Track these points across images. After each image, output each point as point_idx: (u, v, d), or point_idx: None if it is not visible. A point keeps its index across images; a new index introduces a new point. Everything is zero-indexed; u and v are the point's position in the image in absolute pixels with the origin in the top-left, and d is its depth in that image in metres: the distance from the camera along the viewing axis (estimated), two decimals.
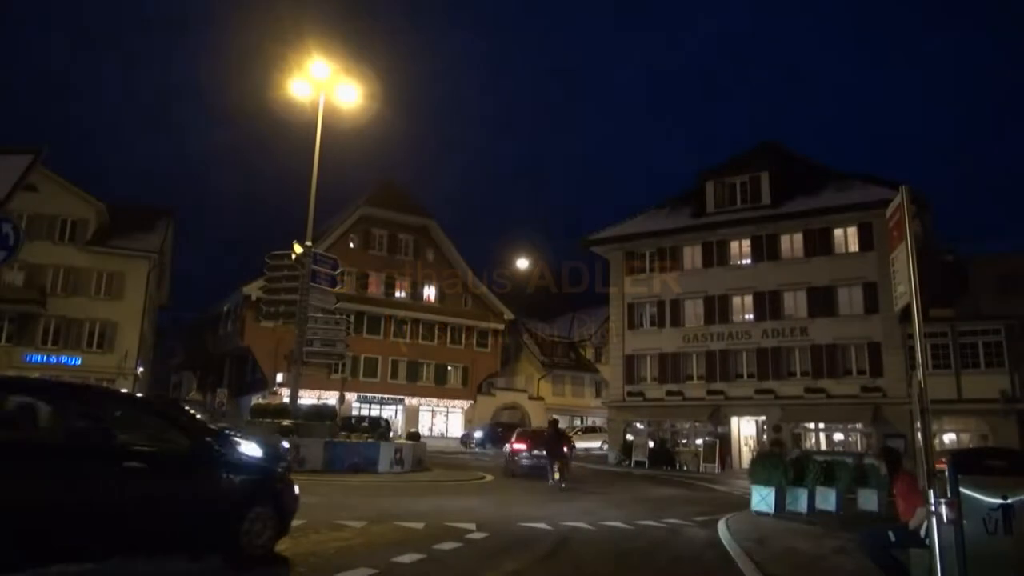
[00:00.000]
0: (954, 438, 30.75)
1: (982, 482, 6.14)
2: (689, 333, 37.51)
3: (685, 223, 38.76)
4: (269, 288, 24.13)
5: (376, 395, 48.70)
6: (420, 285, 51.78)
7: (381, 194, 51.16)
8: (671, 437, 37.68)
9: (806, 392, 33.64)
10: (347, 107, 23.91)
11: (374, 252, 50.13)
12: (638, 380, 38.63)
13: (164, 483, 6.39)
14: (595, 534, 11.47)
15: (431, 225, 52.27)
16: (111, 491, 5.92)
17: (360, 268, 48.78)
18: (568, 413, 59.36)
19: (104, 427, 6.27)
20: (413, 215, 51.47)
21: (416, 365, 50.49)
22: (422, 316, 50.73)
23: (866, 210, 32.33)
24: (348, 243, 48.87)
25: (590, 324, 61.66)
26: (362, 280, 49.15)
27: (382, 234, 50.55)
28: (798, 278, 34.96)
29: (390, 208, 50.31)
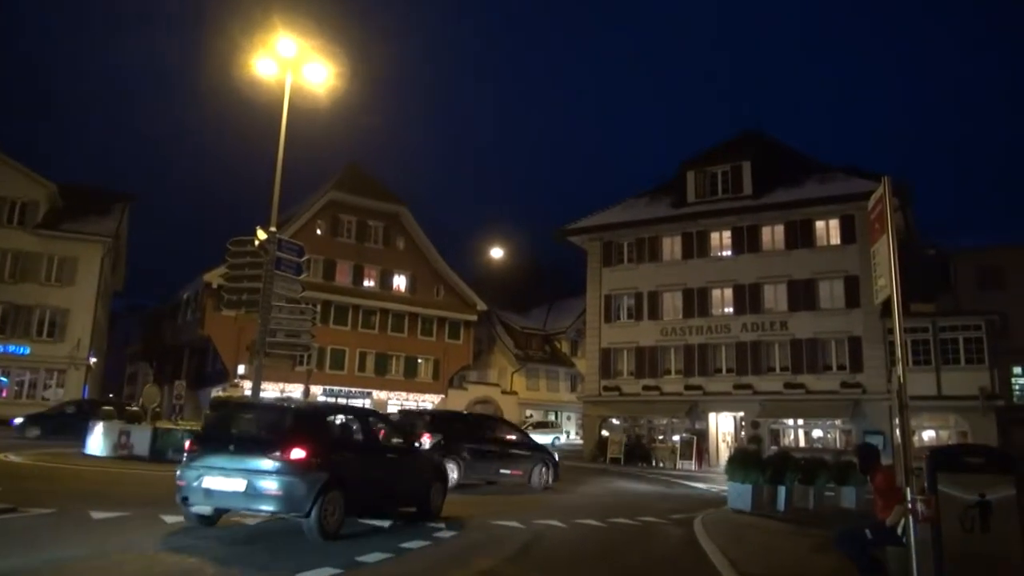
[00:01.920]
0: (933, 435, 31.33)
1: (960, 479, 6.26)
2: (667, 326, 37.79)
3: (665, 213, 38.99)
4: (231, 275, 23.80)
5: (343, 388, 48.44)
6: (390, 274, 51.52)
7: (350, 179, 50.76)
8: (647, 433, 37.97)
9: (785, 387, 34.08)
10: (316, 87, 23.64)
11: (342, 239, 49.75)
12: (614, 374, 38.86)
13: (404, 465, 11.33)
14: (568, 532, 11.53)
15: (402, 212, 51.99)
16: (390, 470, 10.88)
17: (327, 255, 48.41)
18: (543, 408, 59.57)
19: (377, 432, 11.62)
20: (384, 201, 51.15)
21: (385, 357, 50.31)
22: (392, 306, 50.52)
23: (848, 202, 32.76)
24: (315, 229, 48.47)
25: (566, 316, 61.87)
26: (329, 268, 48.80)
27: (351, 220, 50.18)
28: (779, 271, 35.34)
29: (360, 194, 49.94)
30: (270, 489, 8.76)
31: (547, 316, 64.39)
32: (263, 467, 8.85)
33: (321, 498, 8.92)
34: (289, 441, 8.99)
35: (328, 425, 10.60)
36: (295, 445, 8.95)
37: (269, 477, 8.79)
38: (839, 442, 33.14)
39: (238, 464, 8.95)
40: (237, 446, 9.21)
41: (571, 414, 60.16)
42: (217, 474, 8.95)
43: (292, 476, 8.79)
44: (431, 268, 52.90)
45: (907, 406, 5.62)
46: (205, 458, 9.13)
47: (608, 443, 36.53)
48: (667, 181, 41.95)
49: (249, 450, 9.08)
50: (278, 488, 8.75)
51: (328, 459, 9.29)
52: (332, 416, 11.32)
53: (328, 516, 9.05)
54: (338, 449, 9.93)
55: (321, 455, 9.17)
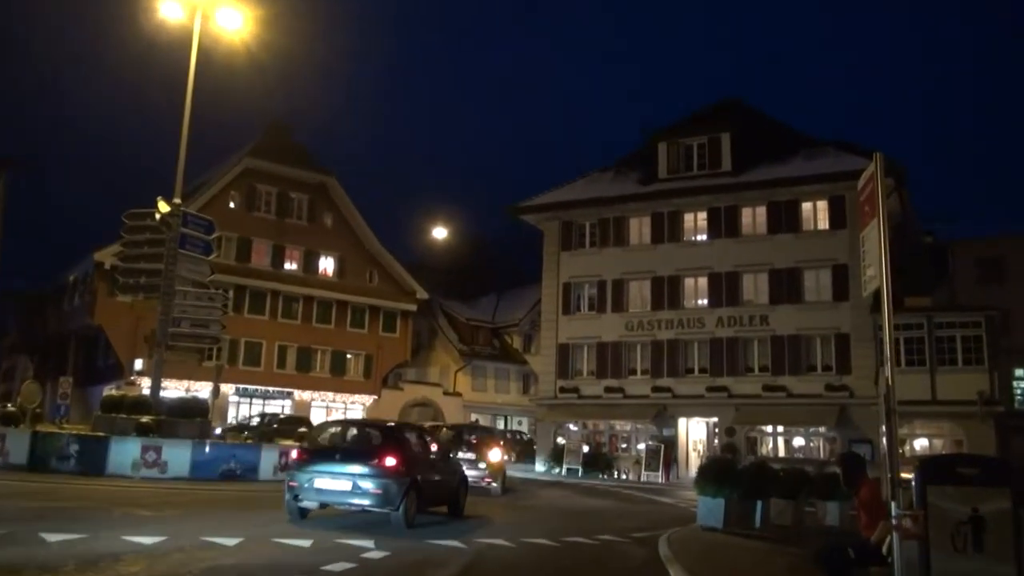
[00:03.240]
0: (926, 444, 32.23)
1: (951, 493, 6.44)
2: (633, 320, 38.16)
3: (632, 190, 39.30)
4: (127, 255, 23.43)
5: (259, 387, 47.89)
6: (316, 255, 50.98)
7: (270, 143, 50.01)
8: (609, 441, 38.37)
9: (764, 390, 34.71)
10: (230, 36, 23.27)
11: (260, 214, 49.04)
12: (573, 374, 39.13)
13: (447, 471, 15.43)
14: (514, 553, 11.61)
15: (331, 183, 51.44)
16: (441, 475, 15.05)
17: (242, 233, 47.70)
18: (491, 412, 59.68)
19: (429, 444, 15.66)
20: (309, 170, 50.52)
21: (309, 352, 49.85)
22: (317, 293, 50.03)
23: (838, 181, 33.36)
24: (228, 202, 47.68)
25: (518, 307, 61.99)
26: (244, 247, 48.10)
27: (270, 192, 49.48)
28: (759, 258, 35.92)
29: (281, 161, 49.25)
30: (371, 488, 12.92)
31: (497, 306, 64.42)
32: (365, 472, 12.99)
33: (406, 497, 13.07)
34: (384, 452, 13.31)
35: (408, 439, 14.60)
36: (389, 455, 13.21)
37: (370, 480, 12.95)
38: (823, 452, 33.90)
39: (344, 469, 13.08)
40: (342, 455, 13.55)
41: (523, 419, 60.37)
42: (327, 477, 13.04)
43: (387, 479, 12.97)
44: (364, 249, 52.49)
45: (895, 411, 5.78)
46: (315, 464, 13.21)
47: (565, 452, 36.82)
48: (635, 153, 42.27)
49: (353, 459, 13.35)
50: (376, 488, 12.91)
51: (409, 467, 13.43)
52: (408, 432, 15.39)
53: (410, 510, 13.23)
54: (414, 459, 13.95)
55: (406, 463, 13.38)
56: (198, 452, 20.32)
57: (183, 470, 19.75)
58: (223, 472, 20.35)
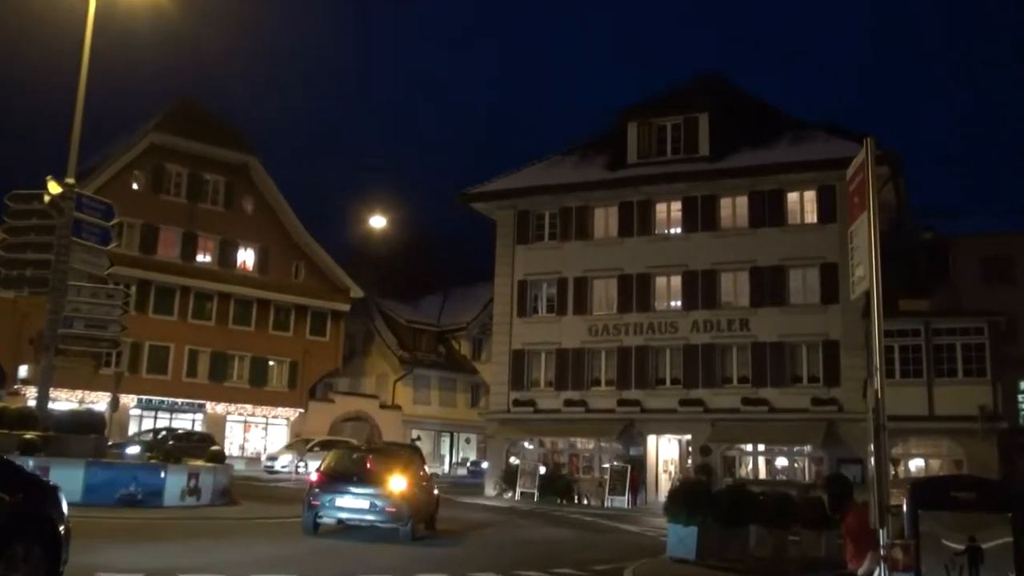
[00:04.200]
0: (922, 464, 32.79)
1: (946, 520, 6.56)
2: (598, 323, 38.31)
3: (598, 176, 39.44)
4: (10, 243, 22.95)
5: (165, 398, 47.28)
6: (233, 246, 50.47)
7: (182, 116, 49.38)
8: (569, 461, 38.44)
9: (744, 404, 35.04)
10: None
11: (168, 197, 48.41)
12: (529, 385, 39.18)
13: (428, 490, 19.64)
14: None
15: (252, 164, 50.95)
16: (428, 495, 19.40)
17: (147, 219, 47.05)
18: (434, 427, 59.59)
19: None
20: (227, 148, 49.98)
21: (224, 358, 49.31)
22: (235, 289, 49.52)
23: (828, 169, 33.64)
24: (131, 183, 46.99)
25: (467, 308, 61.94)
26: (150, 236, 47.45)
27: (181, 173, 48.86)
28: (740, 254, 36.27)
29: (195, 137, 48.65)
30: (386, 507, 17.01)
31: (442, 307, 64.32)
32: (382, 493, 17.06)
33: (414, 515, 17.32)
34: (399, 476, 17.46)
35: (415, 463, 19.55)
36: (402, 479, 17.41)
37: (385, 500, 17.02)
38: (808, 473, 34.31)
39: (363, 491, 17.10)
40: (360, 478, 17.37)
41: (471, 435, 60.37)
42: (348, 496, 17.09)
43: (402, 500, 17.10)
44: (289, 240, 52.08)
45: (884, 428, 5.87)
46: (336, 486, 17.18)
47: (518, 473, 36.85)
48: (602, 135, 42.42)
49: (370, 481, 17.29)
50: (391, 507, 16.98)
51: (415, 489, 17.80)
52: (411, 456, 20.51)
53: (416, 526, 17.53)
54: (417, 482, 18.29)
55: (414, 486, 17.81)
56: (93, 474, 19.99)
57: (74, 495, 19.29)
58: (122, 497, 20.03)
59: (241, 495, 25.06)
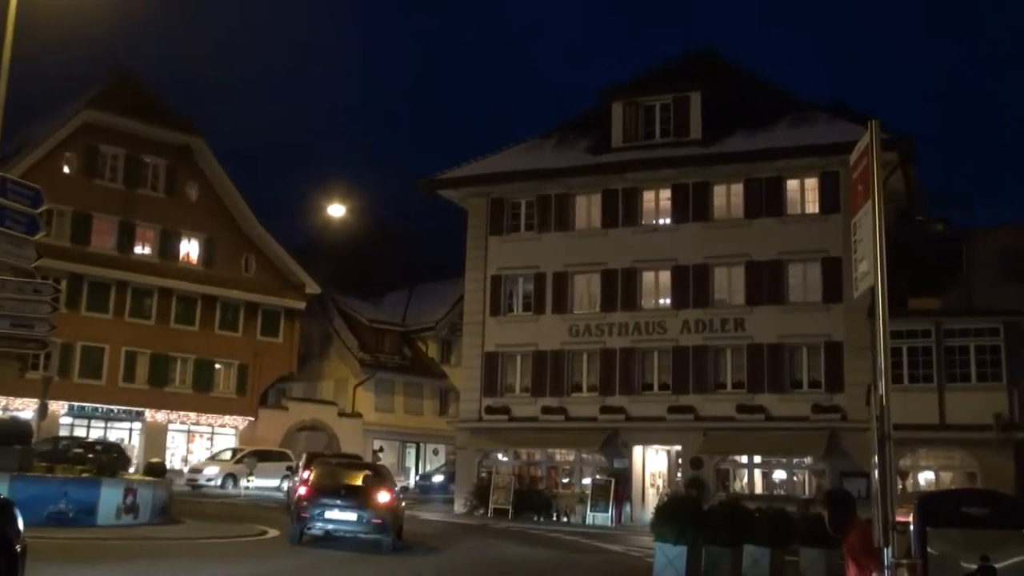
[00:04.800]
0: (932, 478, 33.04)
1: (957, 537, 6.59)
2: (579, 323, 38.37)
3: (580, 161, 39.47)
4: None
5: (99, 405, 47.03)
6: (176, 237, 50.24)
7: (118, 92, 49.04)
8: (547, 474, 38.49)
9: (738, 412, 35.18)
10: None
11: (103, 182, 48.10)
12: (503, 390, 39.20)
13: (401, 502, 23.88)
14: None
15: (197, 145, 50.70)
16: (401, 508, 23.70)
17: (80, 206, 46.73)
18: (398, 437, 59.49)
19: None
20: (169, 128, 49.74)
21: (165, 360, 49.08)
22: (177, 285, 49.29)
23: (832, 155, 33.84)
24: (61, 166, 46.66)
25: (435, 306, 61.87)
26: (82, 225, 47.15)
27: (117, 154, 48.56)
28: (735, 247, 36.39)
29: (132, 115, 48.35)
30: (374, 519, 20.10)
31: (408, 305, 64.21)
32: (368, 505, 20.19)
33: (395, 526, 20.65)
34: (383, 490, 20.85)
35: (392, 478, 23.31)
36: (386, 492, 20.84)
37: (372, 512, 20.13)
38: (809, 488, 34.53)
39: (351, 503, 20.19)
40: (347, 492, 20.54)
41: (439, 446, 60.31)
42: (336, 509, 20.14)
43: (388, 512, 20.38)
44: (238, 230, 51.89)
45: (890, 437, 5.88)
46: (324, 499, 20.20)
47: (491, 488, 36.86)
48: (583, 116, 42.46)
49: (358, 495, 20.46)
50: (377, 518, 20.10)
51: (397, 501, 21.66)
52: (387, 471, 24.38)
53: (396, 537, 20.89)
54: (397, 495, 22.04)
55: (396, 499, 21.51)
56: (18, 489, 19.79)
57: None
58: (51, 515, 19.95)
59: (183, 512, 24.96)
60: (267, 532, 23.03)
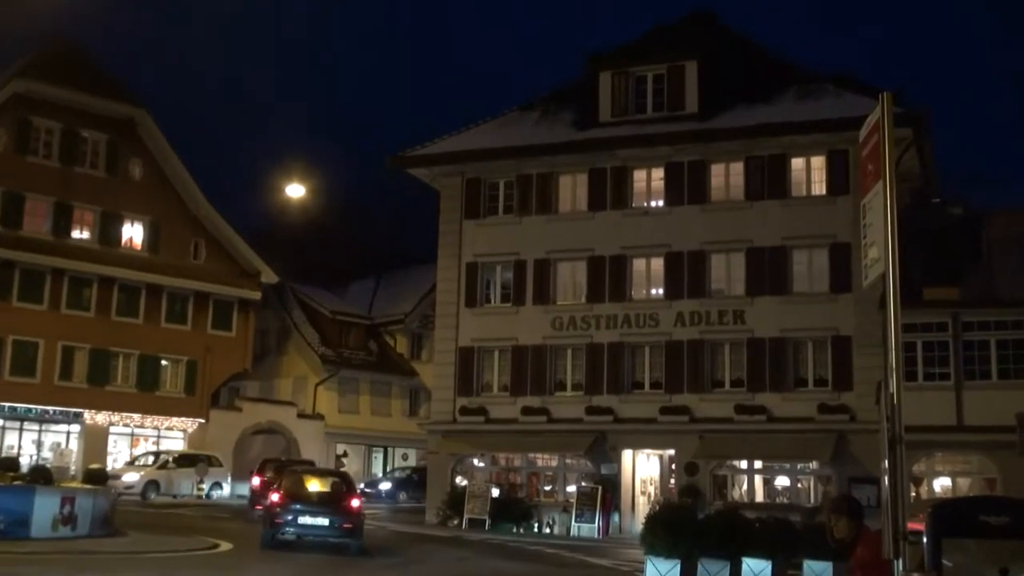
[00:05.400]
0: (949, 484, 33.21)
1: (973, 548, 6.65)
2: (563, 315, 38.37)
3: (564, 136, 39.42)
4: None
5: (34, 407, 46.83)
6: (117, 219, 50.02)
7: (54, 61, 48.76)
8: (528, 481, 38.52)
9: (738, 412, 35.24)
10: None
11: (36, 159, 47.85)
12: (479, 389, 39.17)
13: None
14: None
15: (141, 118, 50.47)
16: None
17: (11, 186, 46.51)
18: (364, 440, 59.44)
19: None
20: (110, 99, 49.48)
21: (106, 356, 48.92)
22: (119, 273, 49.10)
23: (841, 131, 33.87)
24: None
25: (404, 296, 61.82)
26: (14, 206, 46.93)
27: (52, 129, 48.31)
28: (734, 232, 36.42)
29: (69, 85, 48.09)
30: (344, 524, 22.62)
31: (375, 295, 64.15)
32: (339, 511, 22.85)
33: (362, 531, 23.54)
34: (352, 497, 23.83)
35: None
36: (356, 499, 23.98)
37: (343, 518, 22.71)
38: (814, 495, 34.65)
39: (323, 510, 22.96)
40: (319, 498, 23.82)
41: (408, 450, 60.32)
42: (308, 515, 22.72)
43: (357, 517, 23.01)
44: (187, 212, 51.72)
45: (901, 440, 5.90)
46: (297, 505, 22.89)
47: (466, 497, 36.86)
48: (568, 86, 42.41)
49: (328, 501, 23.57)
50: (348, 523, 22.62)
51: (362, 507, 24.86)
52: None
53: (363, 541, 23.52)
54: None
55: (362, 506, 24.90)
56: None
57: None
58: None
59: (128, 524, 24.89)
60: (219, 545, 22.97)
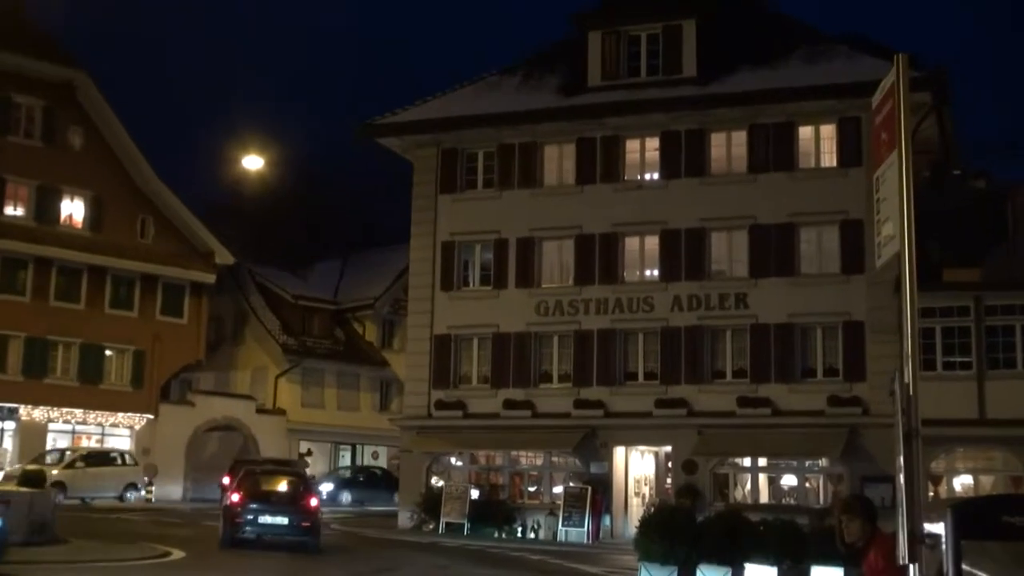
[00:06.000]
0: (970, 482, 33.35)
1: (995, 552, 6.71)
2: (548, 299, 38.36)
3: (549, 103, 39.36)
4: None
5: None
6: (55, 194, 49.85)
7: None
8: (511, 482, 38.56)
9: (740, 406, 35.32)
10: None
11: None
12: (457, 381, 39.17)
13: None
14: None
15: (81, 82, 50.24)
16: None
17: None
18: (330, 437, 59.39)
19: None
20: (45, 60, 49.24)
21: (43, 346, 48.80)
22: (58, 253, 48.96)
23: (854, 96, 33.87)
24: None
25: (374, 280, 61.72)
26: None
27: None
28: (736, 208, 36.42)
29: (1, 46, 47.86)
30: (303, 522, 26.01)
31: (341, 278, 64.00)
32: (298, 511, 26.31)
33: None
34: (311, 496, 27.90)
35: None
36: (314, 499, 27.99)
37: (303, 517, 26.11)
38: (824, 495, 34.77)
39: (281, 508, 26.33)
40: (278, 498, 27.37)
41: (379, 448, 60.30)
42: (267, 515, 25.87)
43: (315, 516, 26.56)
44: (133, 186, 51.54)
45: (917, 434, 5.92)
46: (256, 504, 25.98)
47: (443, 498, 36.88)
48: (554, 48, 42.33)
49: (287, 501, 27.16)
50: (307, 522, 26.04)
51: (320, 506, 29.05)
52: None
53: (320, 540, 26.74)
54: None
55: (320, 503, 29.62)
56: None
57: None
58: None
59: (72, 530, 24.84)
60: (170, 553, 22.93)
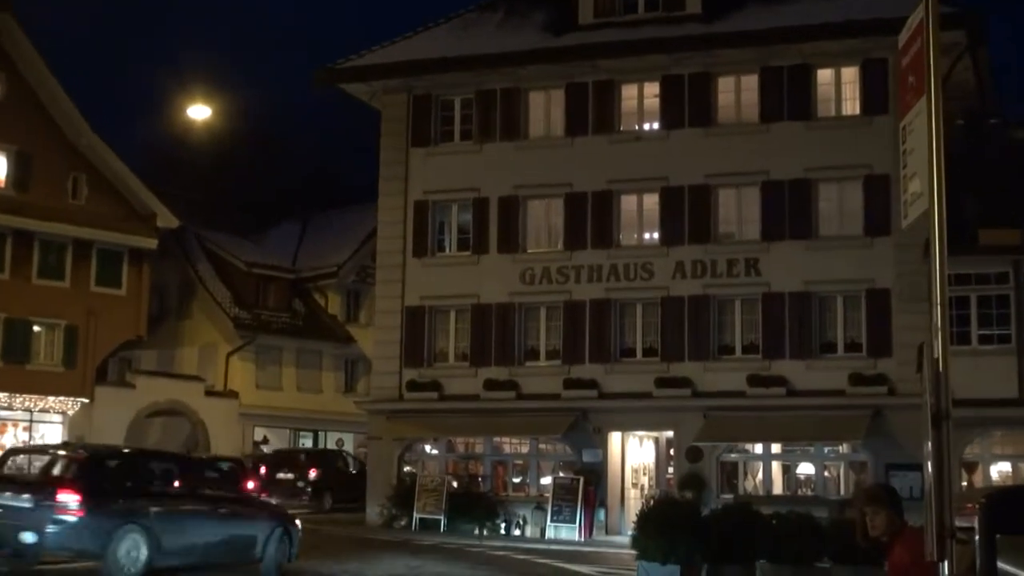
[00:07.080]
0: (1008, 470, 33.54)
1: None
2: (535, 265, 38.37)
3: (534, 43, 39.24)
4: None
5: None
6: None
7: None
8: (494, 472, 38.65)
9: (751, 385, 35.39)
10: None
11: None
12: (431, 359, 39.19)
13: None
14: None
15: (5, 24, 49.99)
16: None
17: None
18: (289, 423, 59.34)
19: None
20: None
21: None
22: None
23: (878, 34, 33.85)
24: None
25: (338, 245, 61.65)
26: None
27: None
28: (746, 162, 36.44)
29: None
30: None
31: (300, 243, 63.92)
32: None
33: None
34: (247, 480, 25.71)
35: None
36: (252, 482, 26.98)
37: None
38: (845, 485, 34.91)
39: None
40: None
41: (345, 435, 60.27)
42: None
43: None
44: (63, 140, 51.32)
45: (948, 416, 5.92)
46: None
47: (417, 491, 36.93)
48: None
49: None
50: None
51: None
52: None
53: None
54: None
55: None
56: None
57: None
58: None
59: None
60: None
